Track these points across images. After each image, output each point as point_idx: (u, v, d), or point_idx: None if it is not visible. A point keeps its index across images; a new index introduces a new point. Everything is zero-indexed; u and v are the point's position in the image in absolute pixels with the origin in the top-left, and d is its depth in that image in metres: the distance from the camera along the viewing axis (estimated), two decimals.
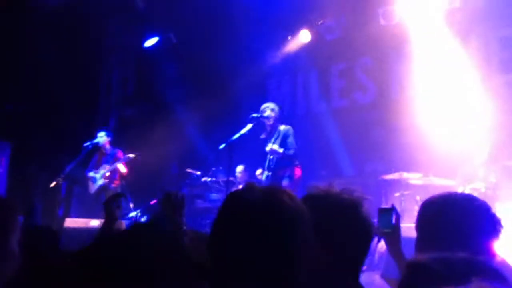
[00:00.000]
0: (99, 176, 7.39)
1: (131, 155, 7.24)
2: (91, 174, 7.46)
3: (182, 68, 9.39)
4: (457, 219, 1.82)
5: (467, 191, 5.73)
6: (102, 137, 7.45)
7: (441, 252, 1.30)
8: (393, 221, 2.13)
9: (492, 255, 1.81)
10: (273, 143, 6.25)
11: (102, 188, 7.30)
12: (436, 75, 7.37)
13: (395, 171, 6.35)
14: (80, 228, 5.42)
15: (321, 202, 1.65)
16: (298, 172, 6.32)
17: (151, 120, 8.93)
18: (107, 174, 7.36)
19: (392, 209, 2.17)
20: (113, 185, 7.34)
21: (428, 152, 6.68)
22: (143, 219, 6.94)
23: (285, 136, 6.32)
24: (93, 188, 7.42)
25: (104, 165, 7.44)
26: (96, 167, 7.51)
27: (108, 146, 7.51)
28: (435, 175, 6.17)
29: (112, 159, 7.43)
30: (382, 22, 7.75)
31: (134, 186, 7.86)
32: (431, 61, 7.43)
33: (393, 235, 2.13)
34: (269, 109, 6.40)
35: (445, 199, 1.91)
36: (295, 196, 1.40)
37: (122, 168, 7.29)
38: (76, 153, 7.26)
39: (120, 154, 7.52)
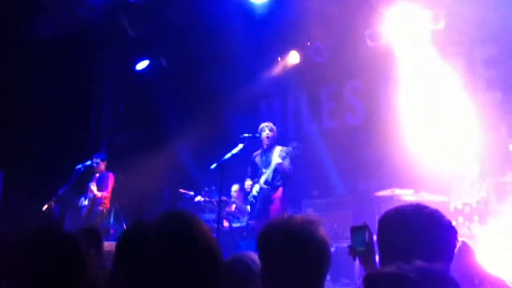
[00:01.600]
0: (84, 198, 7.34)
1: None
2: (82, 199, 7.44)
3: (173, 91, 9.47)
4: (409, 230, 1.82)
5: (459, 207, 5.79)
6: (97, 162, 7.46)
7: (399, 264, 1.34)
8: (366, 239, 2.12)
9: (449, 261, 1.81)
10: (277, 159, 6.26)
11: (87, 209, 7.23)
12: (424, 94, 7.50)
13: (388, 188, 6.39)
14: None
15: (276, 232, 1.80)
16: (283, 201, 6.35)
17: (142, 145, 8.94)
18: (91, 195, 7.30)
19: (365, 227, 2.17)
20: (100, 208, 7.27)
21: (419, 169, 6.75)
22: None
23: (286, 155, 6.34)
24: (82, 211, 7.37)
25: (93, 185, 7.38)
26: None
27: (102, 169, 7.51)
28: (427, 191, 6.22)
29: (101, 182, 7.40)
30: (369, 43, 7.92)
31: (127, 211, 7.82)
32: (419, 81, 7.58)
33: (366, 253, 2.12)
34: (267, 128, 6.44)
35: (396, 213, 1.92)
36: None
37: (94, 189, 7.22)
38: (67, 178, 7.23)
39: (111, 177, 7.48)
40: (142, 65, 9.37)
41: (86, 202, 7.27)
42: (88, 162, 6.96)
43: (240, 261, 2.53)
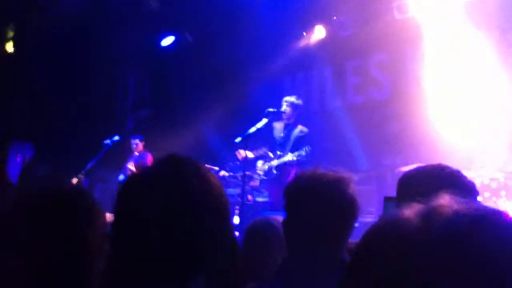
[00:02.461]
0: (122, 175, 7.63)
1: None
2: (121, 176, 7.75)
3: (197, 67, 9.49)
4: (430, 190, 1.82)
5: (485, 182, 5.72)
6: (136, 142, 7.74)
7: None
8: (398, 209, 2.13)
9: None
10: (288, 147, 6.30)
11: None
12: (453, 68, 7.33)
13: (411, 163, 6.33)
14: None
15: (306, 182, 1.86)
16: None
17: (167, 120, 9.05)
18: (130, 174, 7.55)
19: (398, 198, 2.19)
20: None
21: (445, 144, 6.67)
22: None
23: (301, 140, 6.35)
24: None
25: (131, 165, 7.71)
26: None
27: (141, 149, 7.80)
28: (453, 165, 6.14)
29: (140, 161, 7.65)
30: (396, 16, 7.76)
31: None
32: (448, 54, 7.40)
33: None
34: (286, 103, 6.45)
35: (417, 172, 1.93)
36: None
37: (132, 168, 7.47)
38: (96, 152, 7.40)
39: (149, 157, 7.71)
40: (167, 41, 9.40)
41: (121, 177, 7.59)
42: (116, 137, 7.11)
43: (263, 221, 2.59)
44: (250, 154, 6.45)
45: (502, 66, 6.77)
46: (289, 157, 6.24)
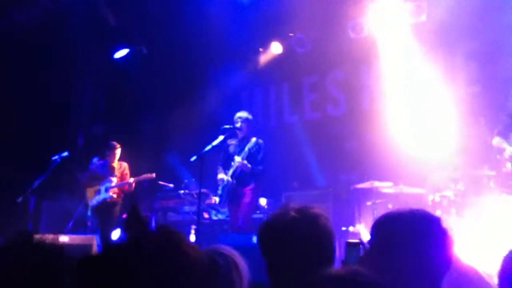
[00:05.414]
0: (104, 189, 7.31)
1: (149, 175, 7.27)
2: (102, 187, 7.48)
3: (153, 82, 9.34)
4: (407, 235, 1.80)
5: (436, 199, 5.85)
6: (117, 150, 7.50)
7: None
8: (361, 255, 2.06)
9: (445, 267, 1.79)
10: (243, 155, 6.25)
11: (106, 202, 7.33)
12: (405, 86, 7.54)
13: (367, 181, 6.42)
14: None
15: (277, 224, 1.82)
16: (255, 192, 6.38)
17: (121, 136, 8.81)
18: (115, 189, 7.37)
19: (360, 243, 2.15)
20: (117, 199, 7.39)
21: (398, 162, 6.80)
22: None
23: (256, 151, 6.33)
24: (94, 200, 7.37)
25: (109, 178, 7.41)
26: (102, 180, 7.48)
27: (116, 160, 7.51)
28: (405, 184, 6.28)
29: (119, 174, 7.50)
30: (351, 35, 7.91)
31: None
32: (400, 72, 7.61)
33: None
34: (240, 120, 6.41)
35: (396, 216, 1.90)
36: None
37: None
38: (45, 169, 7.09)
39: (126, 168, 7.61)
40: (120, 53, 9.19)
41: (106, 196, 7.45)
42: (65, 153, 6.82)
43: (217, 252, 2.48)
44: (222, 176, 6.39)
45: (448, 84, 7.03)
46: (239, 159, 6.18)
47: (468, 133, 6.41)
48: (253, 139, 6.35)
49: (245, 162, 6.19)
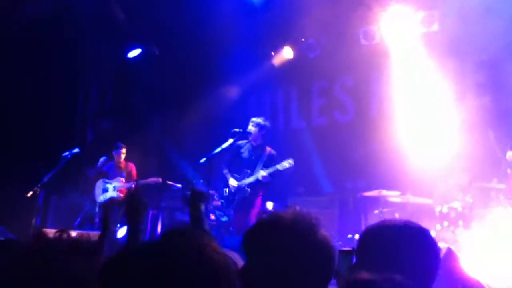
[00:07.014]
0: (112, 188, 7.41)
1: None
2: (107, 184, 7.63)
3: (162, 82, 9.37)
4: (394, 245, 1.80)
5: (444, 210, 5.85)
6: (122, 151, 7.68)
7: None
8: (353, 263, 2.02)
9: (431, 278, 1.81)
10: (261, 166, 6.35)
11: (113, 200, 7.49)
12: (414, 95, 7.54)
13: (375, 189, 6.42)
14: None
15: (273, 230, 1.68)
16: (264, 199, 6.63)
17: (128, 133, 8.85)
18: (122, 189, 7.56)
19: (353, 251, 2.13)
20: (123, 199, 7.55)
21: (406, 171, 6.80)
22: None
23: (273, 160, 6.45)
24: (99, 196, 7.49)
25: (118, 178, 7.60)
26: (109, 178, 7.68)
27: (122, 160, 7.61)
28: (412, 193, 6.28)
29: (126, 174, 7.65)
30: (362, 42, 7.93)
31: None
32: (410, 81, 7.61)
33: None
34: (252, 124, 6.44)
35: (384, 226, 1.88)
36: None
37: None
38: (54, 163, 7.13)
39: (133, 169, 7.75)
40: (134, 53, 9.25)
41: (114, 194, 7.66)
42: (76, 150, 6.86)
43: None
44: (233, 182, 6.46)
45: (457, 95, 7.03)
46: (263, 172, 6.28)
47: (477, 145, 6.40)
48: (268, 149, 6.45)
49: (264, 173, 6.32)
